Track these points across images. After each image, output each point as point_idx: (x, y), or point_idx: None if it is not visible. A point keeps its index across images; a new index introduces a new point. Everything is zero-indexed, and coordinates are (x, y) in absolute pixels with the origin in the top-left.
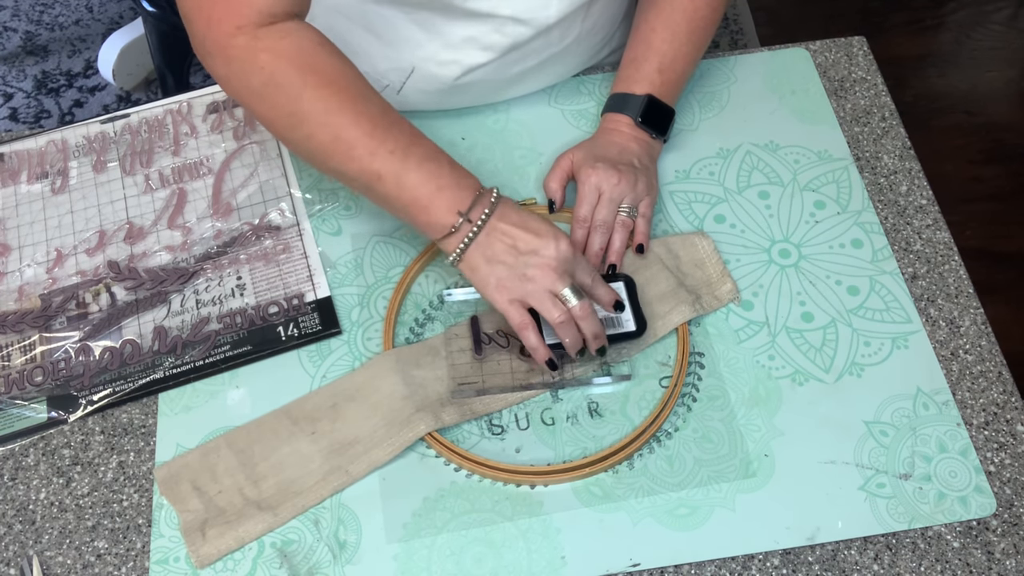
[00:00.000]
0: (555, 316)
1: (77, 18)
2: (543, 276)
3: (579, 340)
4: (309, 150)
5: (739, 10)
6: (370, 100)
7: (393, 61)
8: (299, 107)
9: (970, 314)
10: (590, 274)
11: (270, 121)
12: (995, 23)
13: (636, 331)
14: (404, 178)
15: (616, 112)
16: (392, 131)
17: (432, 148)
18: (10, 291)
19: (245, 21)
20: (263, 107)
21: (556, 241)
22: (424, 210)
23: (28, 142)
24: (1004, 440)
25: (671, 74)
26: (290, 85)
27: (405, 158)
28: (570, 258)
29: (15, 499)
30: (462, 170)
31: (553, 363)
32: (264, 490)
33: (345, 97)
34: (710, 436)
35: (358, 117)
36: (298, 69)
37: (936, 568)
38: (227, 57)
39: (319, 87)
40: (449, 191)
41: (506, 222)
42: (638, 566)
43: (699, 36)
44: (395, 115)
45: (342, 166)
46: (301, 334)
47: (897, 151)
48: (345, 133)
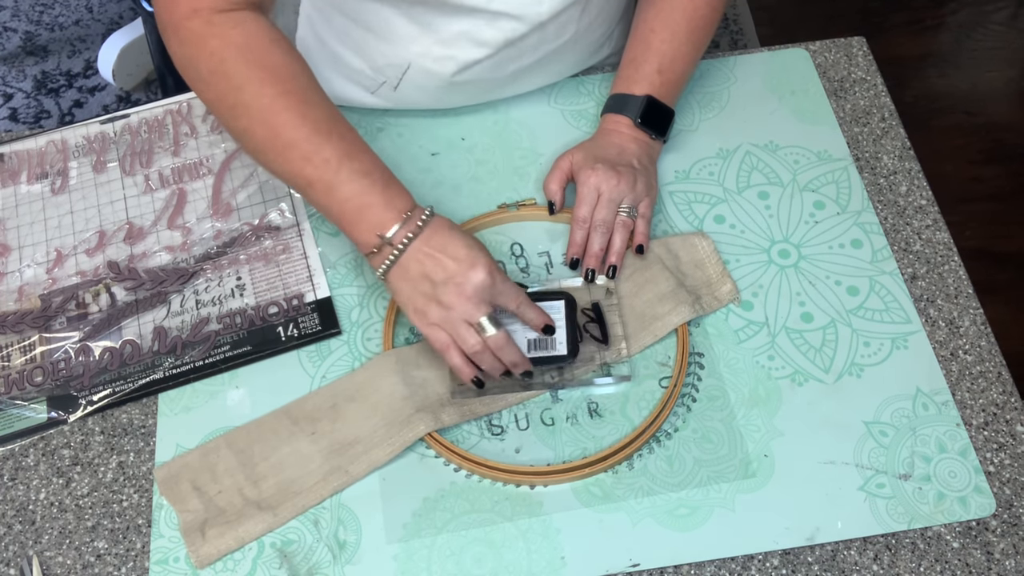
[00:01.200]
0: (470, 345)
1: (77, 18)
2: (459, 304)
3: (497, 367)
4: (248, 145)
5: (739, 10)
6: (315, 104)
7: (389, 57)
8: (240, 99)
9: (970, 314)
10: (515, 299)
11: (215, 109)
12: (995, 23)
13: (567, 355)
14: (334, 190)
15: (615, 113)
16: (331, 139)
17: (369, 163)
18: (10, 291)
19: (202, 5)
20: (208, 93)
21: (472, 269)
22: (351, 225)
23: (28, 142)
24: (1004, 440)
25: (671, 74)
26: (235, 76)
27: (338, 170)
28: (487, 286)
29: (15, 499)
30: (396, 189)
31: (480, 381)
32: (264, 490)
33: (289, 98)
34: (710, 436)
35: (298, 119)
36: (245, 62)
37: (936, 568)
38: (180, 38)
39: (263, 83)
40: (375, 211)
41: (429, 246)
42: (638, 566)
43: (699, 36)
44: (340, 124)
45: (277, 166)
46: (301, 334)
47: (897, 151)
48: (283, 134)
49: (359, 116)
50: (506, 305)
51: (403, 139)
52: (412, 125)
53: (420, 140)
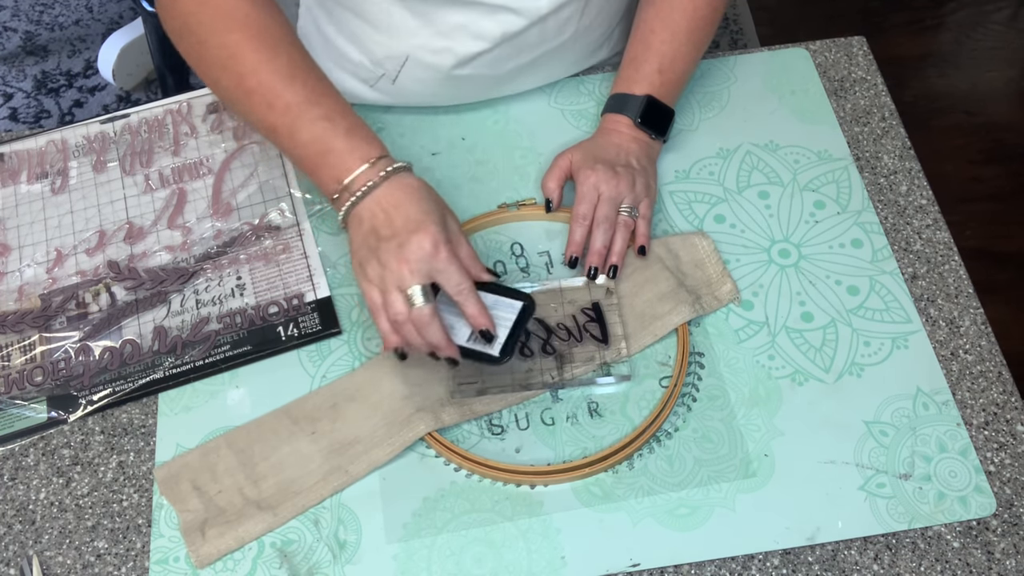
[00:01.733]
0: (391, 312)
1: (77, 18)
2: (396, 266)
3: (421, 344)
4: (219, 94)
5: (739, 10)
6: (279, 51)
7: (388, 49)
8: (205, 52)
9: (970, 314)
10: (457, 284)
11: (189, 62)
12: (995, 23)
13: (498, 357)
14: (296, 134)
15: (615, 113)
16: (295, 85)
17: (332, 109)
18: (10, 291)
19: None
20: (181, 47)
21: (416, 234)
22: (313, 170)
23: (28, 142)
24: (1004, 440)
25: (671, 74)
26: (199, 28)
27: (300, 115)
28: (428, 256)
29: (15, 499)
30: (361, 136)
31: (402, 354)
32: (264, 490)
33: (251, 45)
34: (710, 436)
35: (260, 66)
36: (211, 14)
37: (936, 568)
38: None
39: (225, 32)
40: (335, 156)
41: (385, 201)
42: (638, 566)
43: (699, 36)
44: (305, 69)
45: (245, 114)
46: (301, 334)
47: (897, 151)
48: (246, 81)
49: (361, 113)
50: (445, 286)
51: (404, 139)
52: (412, 125)
53: (420, 140)
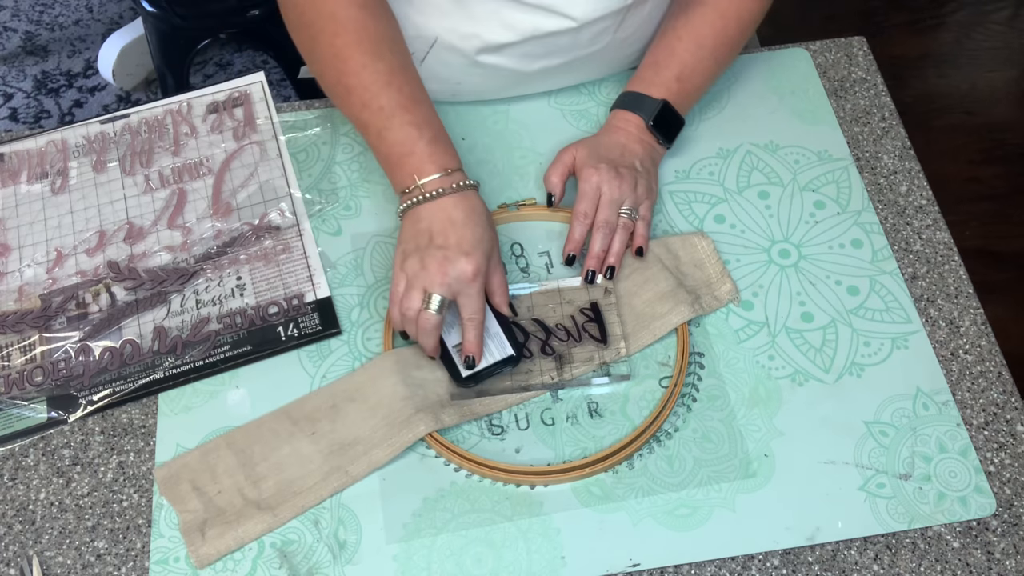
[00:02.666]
0: (405, 306)
1: (77, 18)
2: (431, 272)
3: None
4: (322, 85)
5: None
6: (380, 55)
7: (419, 28)
8: (315, 47)
9: (970, 314)
10: (473, 313)
11: (301, 51)
12: (995, 23)
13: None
14: (385, 135)
15: (629, 111)
16: (390, 90)
17: (422, 117)
18: (10, 291)
19: None
20: (294, 36)
21: (465, 257)
22: (393, 167)
23: (28, 142)
24: (1004, 440)
25: (689, 85)
26: (311, 25)
27: (391, 117)
28: (465, 280)
29: (15, 499)
30: (444, 146)
31: (404, 335)
32: (264, 490)
33: (354, 48)
34: (710, 436)
35: (362, 68)
36: (320, 13)
37: (936, 568)
38: None
39: (333, 34)
40: (416, 158)
41: (450, 212)
42: (638, 566)
43: (722, 53)
44: (403, 78)
45: (342, 106)
46: (301, 334)
47: (897, 151)
48: (344, 80)
49: None
50: (462, 309)
51: None
52: None
53: None
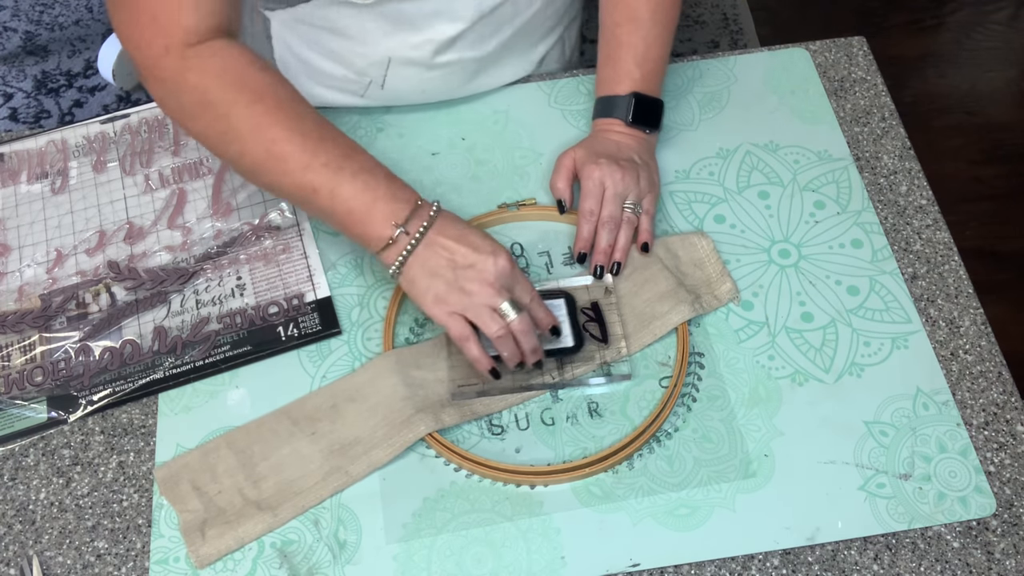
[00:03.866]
0: (494, 330)
1: (77, 18)
2: (481, 290)
3: (517, 354)
4: (244, 167)
5: (739, 10)
6: (303, 115)
7: (368, 57)
8: (230, 124)
9: (970, 314)
10: (529, 293)
11: (205, 139)
12: (995, 23)
13: (573, 347)
14: (339, 190)
15: (605, 117)
16: (325, 144)
17: (368, 160)
18: (10, 291)
19: (172, 41)
20: (197, 126)
21: (495, 256)
22: (360, 222)
23: (28, 142)
24: (1004, 440)
25: (649, 64)
26: (220, 103)
27: (339, 170)
28: (508, 273)
29: (15, 499)
30: (399, 183)
31: (496, 372)
32: (264, 490)
33: (276, 113)
34: (710, 436)
35: (290, 132)
36: (227, 87)
37: (936, 568)
38: (159, 79)
39: (249, 104)
40: (385, 203)
41: (445, 236)
42: (638, 566)
43: (664, 15)
44: (330, 129)
45: (277, 181)
46: (301, 334)
47: (897, 151)
48: (277, 148)
49: (358, 117)
50: (521, 298)
51: (403, 139)
52: (412, 125)
53: (420, 140)
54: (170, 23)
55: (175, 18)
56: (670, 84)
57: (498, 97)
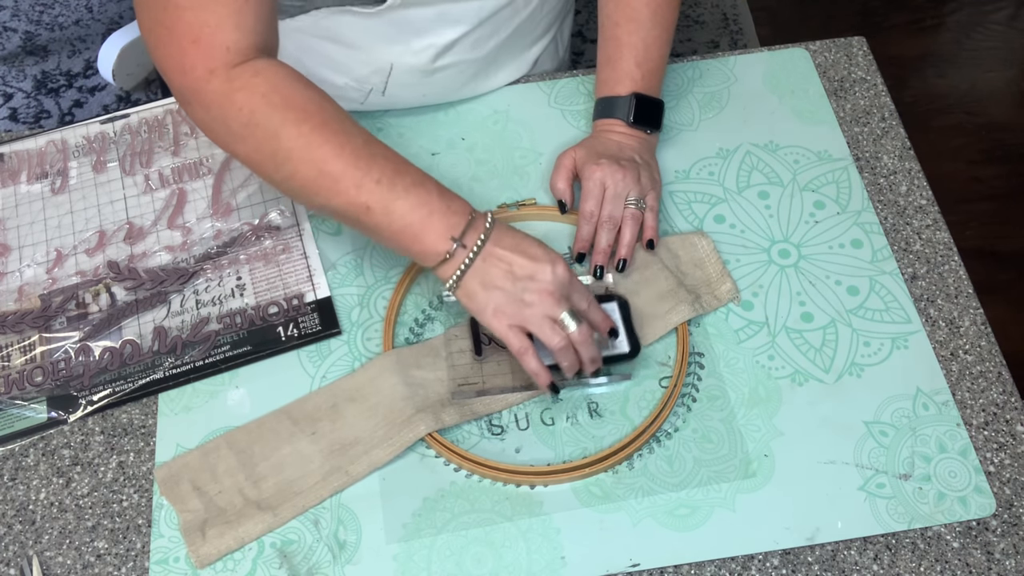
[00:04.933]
0: (555, 342)
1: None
2: (541, 301)
3: (576, 364)
4: (295, 188)
5: (739, 10)
6: (351, 132)
7: (371, 64)
8: (280, 145)
9: (970, 314)
10: (586, 298)
11: (254, 162)
12: (995, 23)
13: (630, 352)
14: (393, 207)
15: (606, 118)
16: (377, 161)
17: (419, 175)
18: (10, 291)
19: (216, 64)
20: (245, 148)
21: (553, 266)
22: (416, 238)
23: (28, 142)
24: (1004, 440)
25: (649, 64)
26: (268, 123)
27: (392, 187)
28: (567, 282)
29: (15, 499)
30: (452, 195)
31: (556, 388)
32: (264, 490)
33: (325, 131)
34: (710, 436)
35: (340, 149)
36: (275, 107)
37: (936, 568)
38: (204, 103)
39: (298, 123)
40: (440, 216)
41: (502, 247)
42: (638, 566)
43: (664, 16)
44: (378, 145)
45: (329, 201)
46: (301, 334)
47: (897, 151)
48: (328, 167)
49: (358, 118)
50: (578, 304)
51: (403, 139)
52: (412, 125)
53: (420, 140)
54: (212, 45)
55: (217, 39)
56: (670, 84)
57: (498, 97)
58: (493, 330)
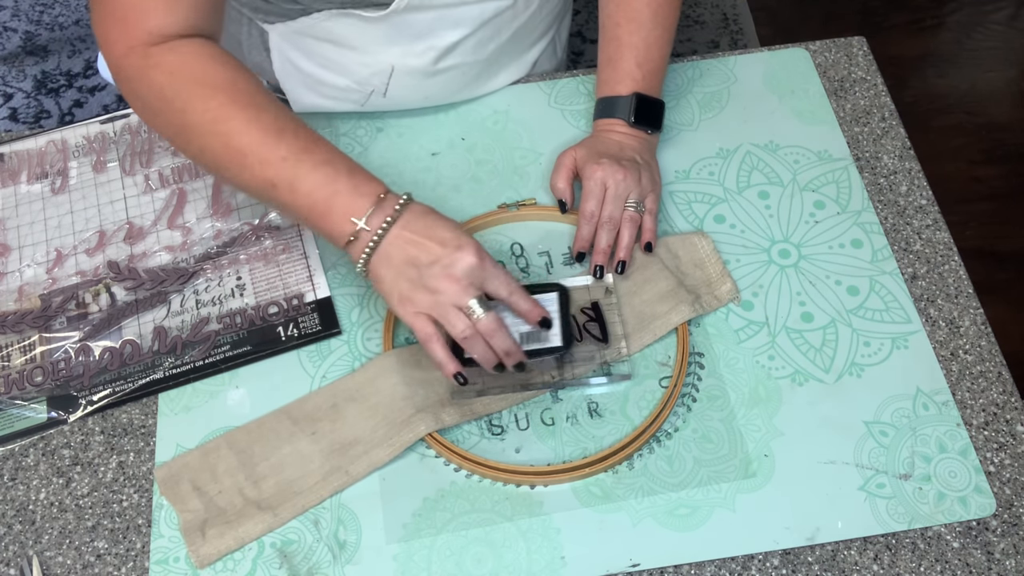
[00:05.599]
0: (459, 330)
1: (77, 18)
2: (447, 288)
3: (489, 356)
4: (205, 163)
5: (739, 10)
6: (263, 108)
7: (371, 66)
8: (188, 119)
9: (970, 314)
10: (507, 286)
11: (168, 136)
12: (995, 23)
13: (562, 346)
14: (298, 184)
15: (607, 117)
16: (285, 137)
17: (330, 153)
18: (10, 291)
19: (136, 42)
20: (159, 122)
21: (460, 251)
22: (321, 217)
23: (28, 142)
24: (1004, 440)
25: (650, 65)
26: (176, 98)
27: (297, 164)
28: (476, 268)
29: (15, 499)
30: (364, 175)
31: (462, 377)
32: (264, 490)
33: (234, 106)
34: (710, 436)
35: (248, 125)
36: (185, 82)
37: (936, 568)
38: (123, 76)
39: (206, 98)
40: (345, 196)
41: (410, 230)
42: (638, 566)
43: (665, 16)
44: (291, 121)
45: (237, 176)
46: (301, 334)
47: (897, 151)
48: (235, 142)
49: (358, 117)
50: (497, 292)
51: (403, 139)
52: (412, 125)
53: (420, 140)
54: (136, 25)
55: (143, 21)
56: (670, 84)
57: (498, 97)
58: (400, 317)
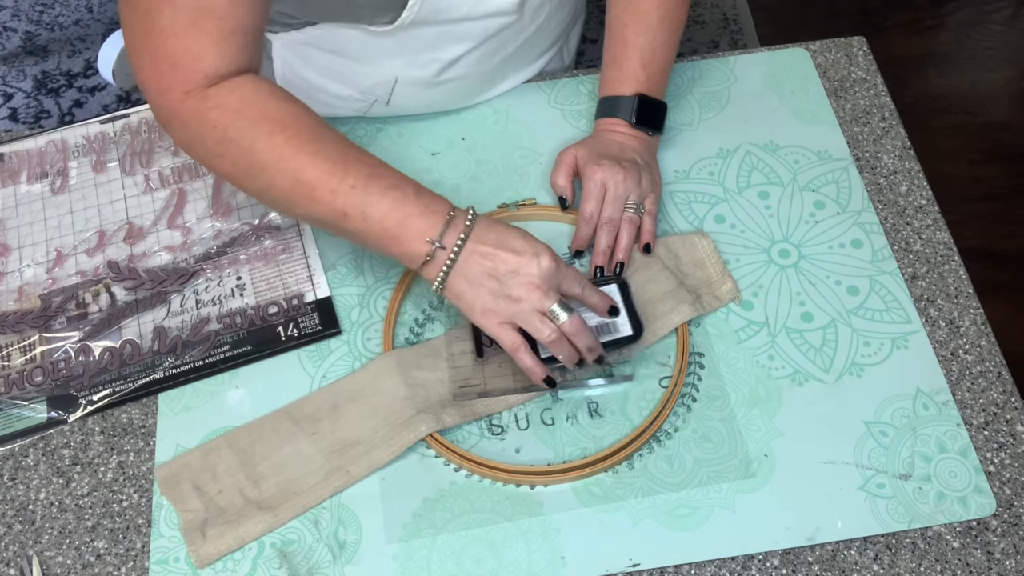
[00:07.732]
0: (545, 335)
1: (77, 18)
2: (528, 295)
3: (573, 355)
4: (274, 199)
5: (739, 10)
6: (325, 139)
7: (375, 77)
8: (255, 158)
9: (970, 314)
10: (579, 283)
11: (232, 177)
12: (995, 23)
13: (633, 335)
14: (369, 211)
15: (609, 117)
16: (351, 166)
17: (395, 177)
18: (10, 291)
19: (193, 85)
20: (224, 165)
21: (536, 257)
22: (395, 241)
23: (28, 142)
24: (1004, 440)
25: (654, 66)
26: (242, 138)
27: (367, 191)
28: (553, 272)
29: (15, 499)
30: (430, 195)
31: (552, 381)
32: (264, 490)
33: (298, 140)
34: (710, 436)
35: (314, 157)
36: (248, 121)
37: (936, 568)
38: (182, 122)
39: (271, 134)
40: (417, 218)
41: (484, 243)
42: (638, 566)
43: (672, 20)
44: (354, 149)
45: (307, 209)
46: (301, 334)
47: (897, 151)
48: (303, 176)
49: (357, 118)
50: (571, 290)
51: (403, 139)
52: (412, 125)
53: (420, 140)
54: (191, 70)
55: (197, 65)
56: (670, 84)
57: (498, 97)
58: (483, 328)
